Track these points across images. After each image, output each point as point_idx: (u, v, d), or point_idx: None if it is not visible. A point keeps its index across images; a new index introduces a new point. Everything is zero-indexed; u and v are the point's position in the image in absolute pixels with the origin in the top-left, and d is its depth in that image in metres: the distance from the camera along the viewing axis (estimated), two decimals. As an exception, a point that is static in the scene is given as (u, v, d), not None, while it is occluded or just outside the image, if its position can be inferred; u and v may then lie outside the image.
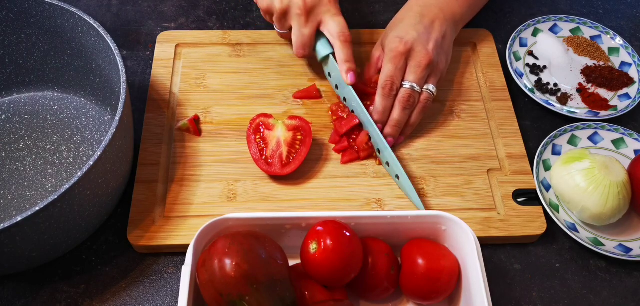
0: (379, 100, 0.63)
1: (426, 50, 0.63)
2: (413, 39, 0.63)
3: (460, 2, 0.69)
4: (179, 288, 0.56)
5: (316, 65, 0.73)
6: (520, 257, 0.60)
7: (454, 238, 0.54)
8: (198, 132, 0.65)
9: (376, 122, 0.63)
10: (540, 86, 0.72)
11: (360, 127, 0.65)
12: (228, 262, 0.46)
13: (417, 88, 0.63)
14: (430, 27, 0.65)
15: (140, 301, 0.56)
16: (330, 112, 0.68)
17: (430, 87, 0.64)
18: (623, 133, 0.68)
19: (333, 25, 0.64)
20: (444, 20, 0.66)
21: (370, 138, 0.64)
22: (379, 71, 0.66)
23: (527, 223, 0.60)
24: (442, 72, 0.66)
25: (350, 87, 0.64)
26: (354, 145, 0.65)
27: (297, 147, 0.62)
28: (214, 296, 0.46)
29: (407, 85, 0.63)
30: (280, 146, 0.62)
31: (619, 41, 0.77)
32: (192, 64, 0.72)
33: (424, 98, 0.64)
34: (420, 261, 0.52)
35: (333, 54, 0.66)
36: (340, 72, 0.64)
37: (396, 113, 0.63)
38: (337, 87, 0.68)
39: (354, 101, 0.65)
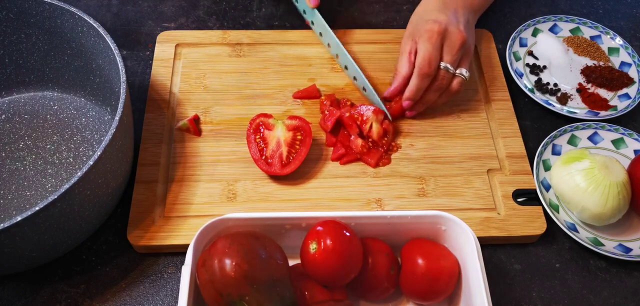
0: (415, 81, 0.63)
1: (459, 30, 0.64)
2: (446, 21, 0.64)
3: None
4: (179, 288, 0.56)
5: (316, 65, 0.73)
6: (520, 257, 0.60)
7: (454, 238, 0.54)
8: (198, 132, 0.65)
9: (407, 99, 0.64)
10: (540, 86, 0.72)
11: (341, 125, 0.65)
12: (228, 262, 0.46)
13: (451, 69, 0.64)
14: (456, 12, 0.66)
15: (140, 301, 0.56)
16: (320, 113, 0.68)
17: (463, 71, 0.65)
18: (623, 133, 0.68)
19: None
20: (464, 7, 0.68)
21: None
22: (412, 65, 0.64)
23: (527, 223, 0.60)
24: (471, 56, 0.67)
25: (317, 12, 0.67)
26: (351, 146, 0.64)
27: (297, 147, 0.62)
28: (214, 296, 0.46)
29: (441, 65, 0.63)
30: (280, 146, 0.62)
31: (618, 41, 0.77)
32: (192, 64, 0.72)
33: (458, 82, 0.65)
34: (420, 261, 0.52)
35: None
36: None
37: (429, 95, 0.64)
38: (304, 11, 0.71)
39: (322, 26, 0.67)
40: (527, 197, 0.62)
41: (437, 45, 0.63)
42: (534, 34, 0.78)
